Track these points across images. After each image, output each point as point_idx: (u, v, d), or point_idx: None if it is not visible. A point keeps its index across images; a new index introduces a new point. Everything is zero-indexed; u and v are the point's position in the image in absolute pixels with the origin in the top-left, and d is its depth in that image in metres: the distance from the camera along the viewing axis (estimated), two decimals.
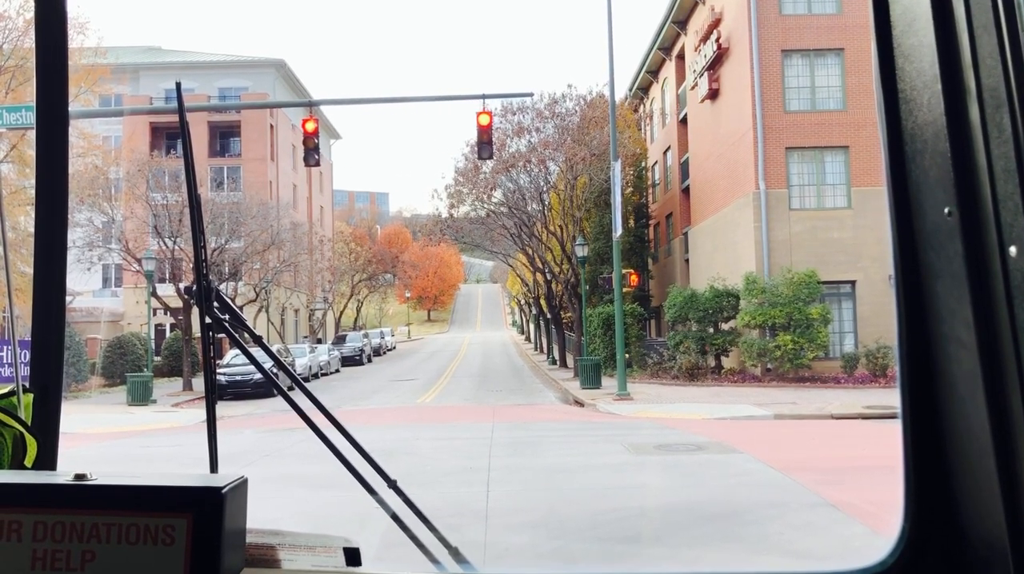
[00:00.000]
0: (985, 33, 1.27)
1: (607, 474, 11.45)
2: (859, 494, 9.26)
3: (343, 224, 68.34)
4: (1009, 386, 1.26)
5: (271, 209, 37.72)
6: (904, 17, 1.44)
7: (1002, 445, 1.28)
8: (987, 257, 1.28)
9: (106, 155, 34.34)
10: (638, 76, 41.95)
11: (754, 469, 11.47)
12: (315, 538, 1.52)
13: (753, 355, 25.15)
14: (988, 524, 1.33)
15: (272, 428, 17.23)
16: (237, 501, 1.41)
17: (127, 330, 35.72)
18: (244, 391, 23.67)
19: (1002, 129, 1.24)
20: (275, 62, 48.40)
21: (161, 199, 32.47)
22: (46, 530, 1.35)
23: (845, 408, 18.37)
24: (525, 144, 34.52)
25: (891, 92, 1.48)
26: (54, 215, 1.82)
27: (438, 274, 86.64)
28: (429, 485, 9.91)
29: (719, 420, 17.80)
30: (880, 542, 1.53)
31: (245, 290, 34.04)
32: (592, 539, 7.85)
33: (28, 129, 23.04)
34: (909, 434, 1.49)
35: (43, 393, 1.76)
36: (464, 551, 1.81)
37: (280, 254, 37.20)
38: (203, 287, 1.73)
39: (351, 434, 1.83)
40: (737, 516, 8.76)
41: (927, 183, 1.41)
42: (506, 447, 14.11)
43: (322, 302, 49.77)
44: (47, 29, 1.80)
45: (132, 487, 1.39)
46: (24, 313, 13.94)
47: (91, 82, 28.09)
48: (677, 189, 36.30)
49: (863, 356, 24.20)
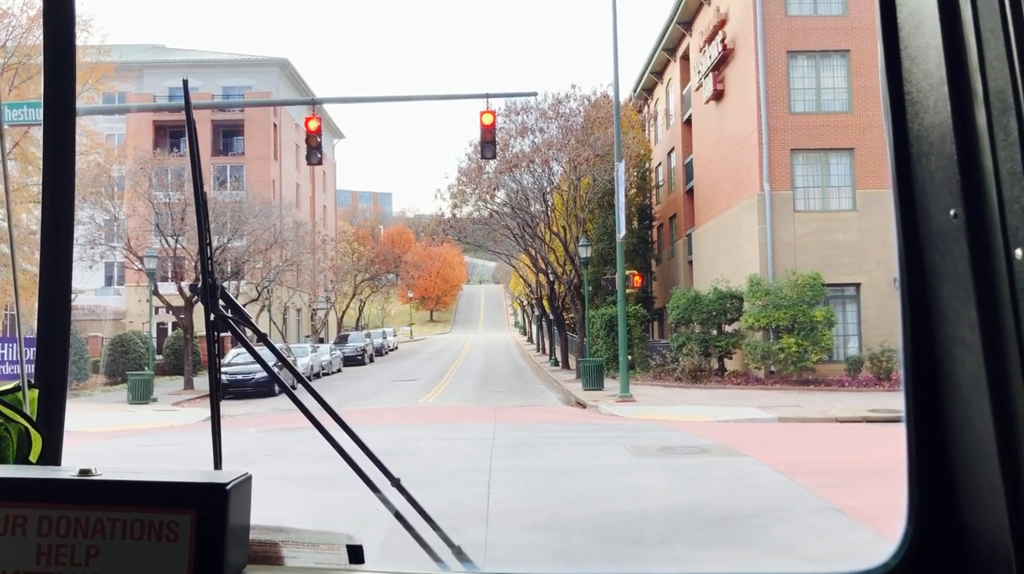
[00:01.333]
0: (992, 36, 1.27)
1: (610, 476, 11.36)
2: (865, 498, 9.16)
3: (346, 224, 68.29)
4: (1014, 389, 1.26)
5: (274, 208, 37.68)
6: (911, 19, 1.44)
7: (1006, 448, 1.28)
8: (992, 259, 1.28)
9: (109, 153, 34.29)
10: (642, 77, 41.86)
11: (759, 472, 11.37)
12: (319, 535, 1.52)
13: (757, 357, 25.03)
14: (992, 527, 1.33)
15: (273, 427, 17.17)
16: (241, 498, 1.41)
17: (129, 328, 35.70)
18: (245, 390, 23.67)
19: (1008, 132, 1.24)
20: (279, 61, 48.39)
21: (164, 197, 32.46)
22: (51, 525, 1.35)
23: (849, 411, 18.26)
24: (529, 144, 34.47)
25: (897, 94, 1.49)
26: (60, 213, 1.82)
27: (441, 274, 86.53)
28: (430, 486, 9.82)
29: (722, 422, 17.70)
30: (886, 546, 1.51)
31: (247, 289, 34.00)
32: (595, 541, 7.77)
33: (31, 126, 23.03)
34: (913, 436, 1.49)
35: (48, 389, 1.77)
36: (466, 552, 1.81)
37: (283, 253, 37.16)
38: (208, 285, 1.74)
39: (355, 432, 1.82)
40: (741, 520, 8.66)
41: (933, 185, 1.41)
42: (508, 448, 14.03)
43: (324, 302, 49.72)
44: (55, 26, 1.80)
45: (137, 483, 1.40)
46: (27, 310, 13.88)
47: (95, 80, 28.09)
48: (681, 190, 36.20)
49: (867, 359, 24.08)
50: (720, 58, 29.47)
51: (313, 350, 34.16)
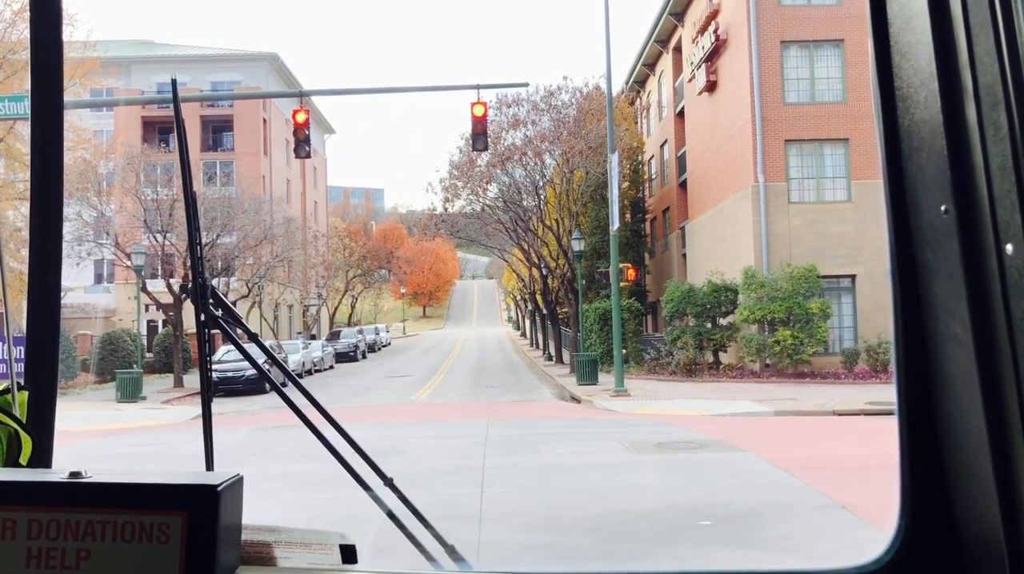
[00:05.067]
0: (982, 31, 1.27)
1: (606, 474, 11.13)
2: (868, 494, 8.93)
3: (338, 220, 67.91)
4: (1005, 384, 1.27)
5: (264, 203, 37.32)
6: (901, 15, 1.45)
7: (998, 442, 1.29)
8: (983, 255, 1.29)
9: (96, 149, 33.90)
10: (634, 69, 41.61)
11: (758, 469, 11.13)
12: (311, 535, 1.51)
13: (752, 350, 24.83)
14: (984, 521, 1.35)
15: (263, 425, 16.91)
16: (233, 499, 1.40)
17: (119, 326, 35.33)
18: (236, 388, 23.39)
19: (998, 127, 1.24)
20: (268, 55, 48.00)
21: (152, 194, 32.10)
22: (41, 528, 1.34)
23: (847, 404, 18.07)
24: (521, 137, 34.17)
25: (888, 89, 1.49)
26: (49, 211, 1.81)
27: (433, 270, 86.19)
28: (420, 486, 9.55)
29: (719, 416, 17.50)
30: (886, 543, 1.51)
31: (237, 285, 33.67)
32: (592, 542, 7.53)
33: (15, 120, 22.67)
34: (905, 431, 1.51)
35: (38, 390, 1.77)
36: (459, 551, 1.80)
37: (273, 249, 36.82)
38: (199, 284, 1.75)
39: (347, 431, 1.84)
40: (743, 518, 8.43)
41: (923, 181, 1.41)
42: (501, 446, 13.78)
43: (316, 298, 49.41)
44: (42, 18, 1.80)
45: (127, 485, 1.39)
46: (12, 308, 13.62)
47: (82, 75, 27.71)
48: (674, 183, 35.98)
49: (863, 351, 23.91)
50: (713, 49, 29.21)
51: (305, 347, 33.86)
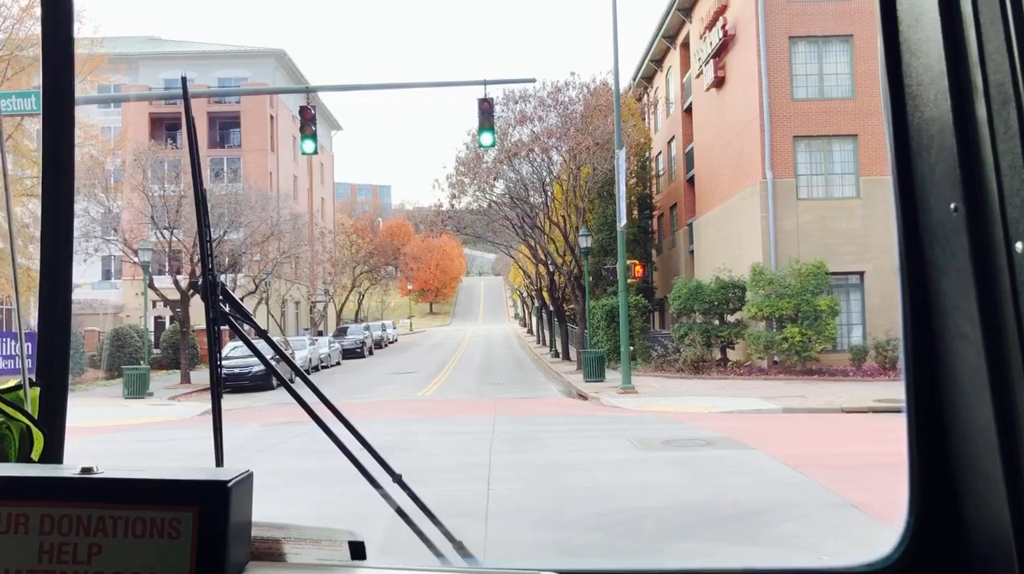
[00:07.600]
0: (992, 29, 1.26)
1: (614, 471, 11.07)
2: (877, 493, 8.85)
3: (345, 216, 67.88)
4: (1014, 381, 1.27)
5: (271, 200, 37.32)
6: (911, 12, 1.44)
7: (1007, 440, 1.29)
8: (993, 252, 1.29)
9: (104, 145, 33.95)
10: (642, 65, 41.45)
11: (767, 466, 11.05)
12: (320, 531, 1.52)
13: (760, 347, 24.73)
14: (992, 519, 1.35)
15: (270, 421, 16.91)
16: (243, 495, 1.40)
17: (127, 322, 35.39)
18: (243, 384, 23.44)
19: (1008, 125, 1.24)
20: (275, 52, 47.97)
21: (159, 190, 32.11)
22: (53, 523, 1.36)
23: (855, 401, 17.96)
24: (528, 133, 34.07)
25: (897, 87, 1.49)
26: (60, 208, 1.82)
27: (440, 266, 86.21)
28: (427, 483, 9.49)
29: (727, 414, 17.42)
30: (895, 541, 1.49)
31: (245, 282, 33.68)
32: (600, 540, 7.48)
33: (24, 116, 22.69)
34: (914, 429, 1.51)
35: (49, 386, 1.79)
36: (467, 547, 1.82)
37: (280, 245, 36.84)
38: (209, 281, 1.76)
39: (355, 427, 1.85)
40: (751, 516, 8.37)
41: (933, 178, 1.41)
42: (508, 442, 13.74)
43: (323, 294, 49.42)
44: (54, 13, 1.81)
45: (138, 481, 1.40)
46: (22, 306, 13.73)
47: (89, 71, 27.71)
48: (682, 179, 35.85)
49: (872, 348, 23.79)
50: (721, 44, 29.06)
51: (312, 343, 33.86)
